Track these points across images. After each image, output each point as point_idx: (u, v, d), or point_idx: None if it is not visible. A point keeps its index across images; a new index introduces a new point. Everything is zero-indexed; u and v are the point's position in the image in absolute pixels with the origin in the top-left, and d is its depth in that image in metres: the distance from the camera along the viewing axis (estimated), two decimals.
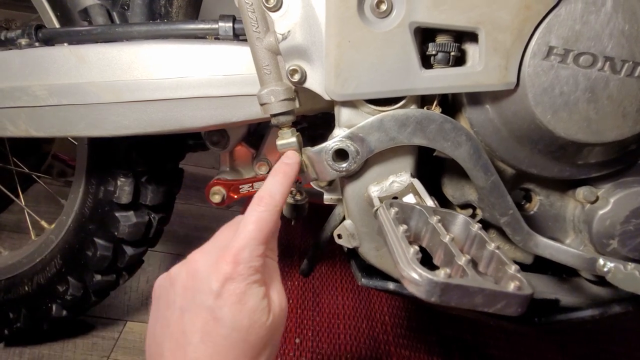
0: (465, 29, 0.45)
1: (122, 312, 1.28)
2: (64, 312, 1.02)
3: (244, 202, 1.04)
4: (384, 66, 0.48)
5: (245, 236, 0.41)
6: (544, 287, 0.61)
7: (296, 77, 0.52)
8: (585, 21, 0.41)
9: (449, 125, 0.49)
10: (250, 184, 0.90)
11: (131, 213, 0.91)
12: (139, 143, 0.87)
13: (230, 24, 0.64)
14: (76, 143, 0.93)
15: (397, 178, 0.55)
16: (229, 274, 0.39)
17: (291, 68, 0.51)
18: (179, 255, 1.44)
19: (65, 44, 0.65)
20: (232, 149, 0.89)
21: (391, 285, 0.65)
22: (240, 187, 0.91)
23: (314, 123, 0.84)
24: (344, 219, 0.64)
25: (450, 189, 0.60)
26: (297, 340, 1.13)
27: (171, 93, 0.62)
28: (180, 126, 0.65)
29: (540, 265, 0.63)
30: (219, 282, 0.39)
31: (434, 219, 0.42)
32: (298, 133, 0.57)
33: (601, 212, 0.53)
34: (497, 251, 0.40)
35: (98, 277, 0.97)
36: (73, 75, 0.60)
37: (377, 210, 0.52)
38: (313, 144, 0.55)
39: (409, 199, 0.52)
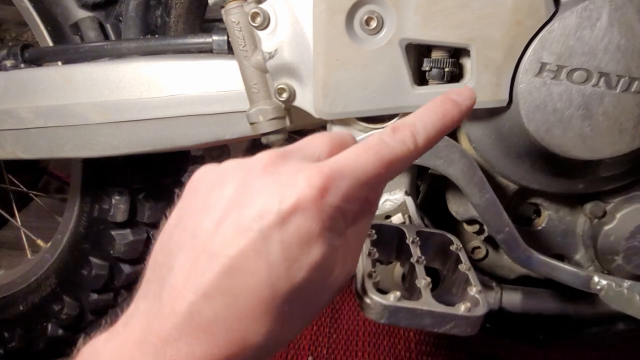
0: (456, 45, 0.44)
1: None
2: (60, 331, 1.01)
3: None
4: (374, 84, 0.47)
5: (355, 161, 0.27)
6: (554, 303, 0.59)
7: (284, 96, 0.51)
8: (579, 36, 0.40)
9: (442, 143, 0.48)
10: None
11: (127, 231, 0.90)
12: (135, 159, 0.86)
13: (224, 38, 0.63)
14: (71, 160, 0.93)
15: (390, 196, 0.53)
16: (311, 197, 0.25)
17: (279, 86, 0.50)
18: None
19: (52, 64, 0.64)
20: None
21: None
22: None
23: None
24: None
25: (454, 205, 0.59)
26: (310, 359, 1.08)
27: (161, 112, 0.61)
28: (172, 145, 0.64)
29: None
30: (291, 202, 0.25)
31: (410, 239, 0.41)
32: None
33: (606, 227, 0.52)
34: (466, 272, 0.40)
35: (94, 296, 0.96)
36: (59, 97, 0.59)
37: None
38: None
39: (398, 218, 0.50)
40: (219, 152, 0.89)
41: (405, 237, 0.42)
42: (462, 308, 0.34)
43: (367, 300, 0.34)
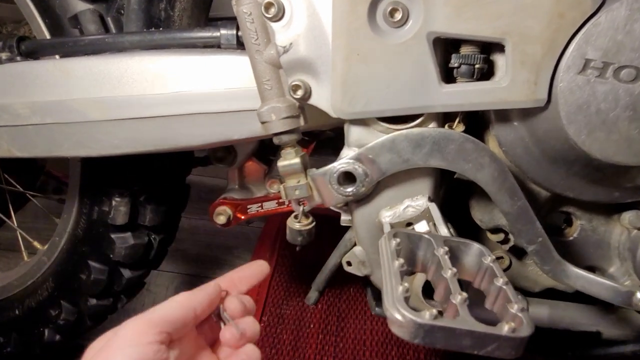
0: (490, 39, 0.40)
1: None
2: (57, 337, 0.97)
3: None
4: (398, 81, 0.43)
5: None
6: (584, 319, 0.55)
7: (299, 93, 0.47)
8: (629, 30, 0.36)
9: (471, 146, 0.44)
10: (260, 204, 0.85)
11: (128, 234, 0.86)
12: (136, 159, 0.82)
13: (234, 32, 0.59)
14: (69, 159, 0.89)
15: (412, 202, 0.50)
16: None
17: (294, 83, 0.47)
18: (189, 275, 1.35)
19: (50, 58, 0.60)
20: (241, 165, 0.84)
21: None
22: (248, 207, 0.86)
23: (340, 132, 0.78)
24: (354, 245, 0.59)
25: (479, 213, 0.55)
26: None
27: (165, 109, 0.58)
28: (176, 145, 0.60)
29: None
30: None
31: (441, 251, 0.37)
32: (303, 153, 0.52)
33: None
34: (504, 287, 0.37)
35: (93, 301, 0.92)
36: (57, 92, 0.56)
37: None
38: (334, 154, 0.51)
39: (422, 226, 0.47)
40: (224, 153, 0.85)
41: (433, 247, 0.38)
42: (505, 328, 0.31)
43: (398, 318, 0.31)
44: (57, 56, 0.64)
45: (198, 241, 1.45)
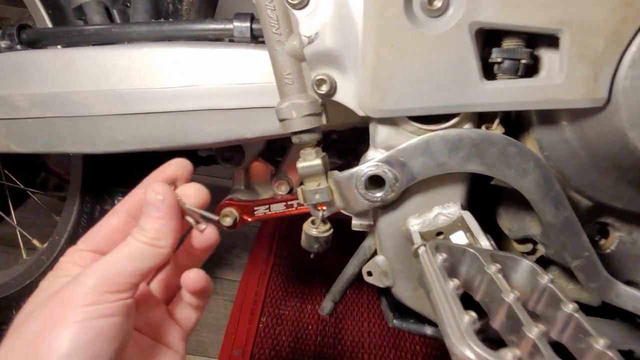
0: (543, 30, 0.36)
1: None
2: None
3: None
4: (435, 76, 0.39)
5: None
6: (615, 336, 0.51)
7: (324, 89, 0.43)
8: None
9: (513, 149, 0.40)
10: (267, 206, 0.81)
11: None
12: (140, 156, 0.78)
13: (248, 24, 0.56)
14: (70, 155, 0.85)
15: (443, 210, 0.45)
16: None
17: (318, 77, 0.42)
18: None
19: (52, 48, 0.56)
20: (248, 165, 0.80)
21: (429, 330, 0.56)
22: (255, 209, 0.82)
23: (343, 135, 0.74)
24: (374, 253, 0.55)
25: (508, 221, 0.51)
26: None
27: (175, 105, 0.54)
28: (185, 142, 0.56)
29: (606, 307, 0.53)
30: None
31: (493, 269, 0.33)
32: (324, 154, 0.48)
33: None
34: (576, 315, 0.32)
35: None
36: (59, 83, 0.52)
37: (417, 249, 0.43)
38: (339, 158, 0.47)
39: (459, 236, 0.42)
40: (232, 152, 0.81)
41: (479, 263, 0.34)
42: None
43: (471, 357, 0.26)
44: (59, 46, 0.60)
45: None
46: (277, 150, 0.91)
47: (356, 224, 0.58)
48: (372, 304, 1.21)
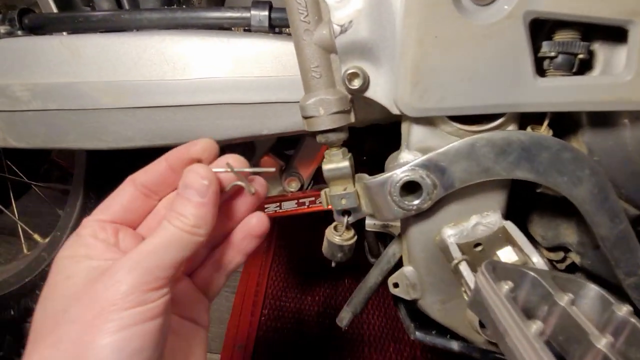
0: (609, 22, 0.32)
1: None
2: None
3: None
4: (483, 72, 0.35)
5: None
6: None
7: (356, 84, 0.39)
8: None
9: (568, 155, 0.36)
10: (278, 203, 0.77)
11: None
12: (147, 151, 0.74)
13: (266, 13, 0.52)
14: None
15: (482, 219, 0.42)
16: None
17: (351, 71, 0.38)
18: None
19: (57, 34, 0.52)
20: (258, 160, 0.77)
21: (456, 346, 0.52)
22: (265, 206, 0.78)
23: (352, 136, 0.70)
24: (399, 262, 0.51)
25: (541, 228, 0.47)
26: None
27: (187, 98, 0.50)
28: (197, 138, 0.52)
29: None
30: None
31: (565, 300, 0.29)
32: (350, 154, 0.44)
33: None
34: None
35: None
36: (64, 73, 0.48)
37: (457, 264, 0.39)
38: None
39: (507, 253, 0.38)
40: (243, 148, 0.77)
41: (543, 290, 0.30)
42: None
43: None
44: (64, 33, 0.56)
45: None
46: (287, 144, 0.87)
47: (370, 223, 0.54)
48: (372, 296, 1.20)
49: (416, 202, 0.39)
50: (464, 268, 0.38)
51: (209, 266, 0.40)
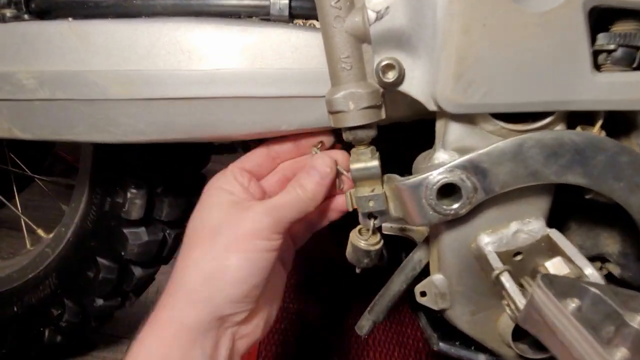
0: None
1: (126, 328, 1.13)
2: (59, 338, 0.87)
3: None
4: (535, 65, 0.32)
5: None
6: None
7: (390, 76, 0.35)
8: None
9: (626, 159, 0.33)
10: None
11: (142, 230, 0.76)
12: (156, 146, 0.71)
13: (286, 1, 0.48)
14: None
15: (523, 226, 0.38)
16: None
17: (385, 62, 0.35)
18: None
19: (65, 19, 0.49)
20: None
21: (483, 359, 0.49)
22: None
23: None
24: (425, 268, 0.48)
25: (579, 237, 0.44)
26: None
27: (203, 90, 0.46)
28: (212, 134, 0.49)
29: None
30: None
31: (638, 320, 0.26)
32: (378, 153, 0.41)
33: None
34: None
35: (100, 301, 0.82)
36: (72, 61, 0.45)
37: (499, 275, 0.36)
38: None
39: (559, 265, 0.35)
40: (258, 142, 0.74)
41: (609, 307, 0.26)
42: None
43: None
44: (70, 18, 0.53)
45: None
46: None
47: (387, 227, 0.51)
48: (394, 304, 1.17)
49: (455, 206, 0.36)
50: (506, 279, 0.35)
51: (302, 224, 0.51)
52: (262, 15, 0.53)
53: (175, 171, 0.79)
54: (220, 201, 0.43)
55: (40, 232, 0.94)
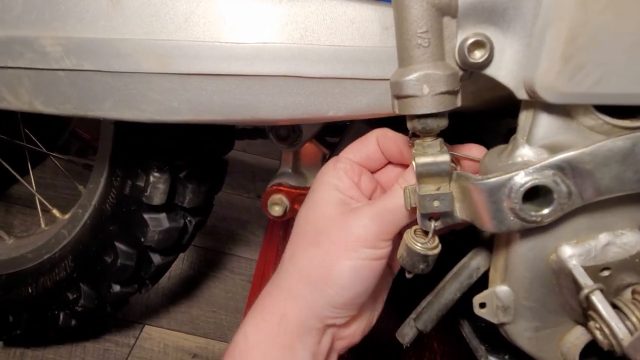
0: None
1: (139, 313, 1.11)
2: (73, 322, 0.84)
3: None
4: None
5: None
6: None
7: (478, 56, 0.30)
8: None
9: None
10: None
11: (163, 216, 0.72)
12: (182, 128, 0.67)
13: None
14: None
15: (616, 239, 0.33)
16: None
17: (474, 39, 0.30)
18: (204, 248, 1.27)
19: None
20: (302, 146, 0.69)
21: None
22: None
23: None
24: (482, 277, 0.43)
25: None
26: None
27: (246, 66, 0.41)
28: (252, 116, 0.44)
29: None
30: None
31: None
32: (446, 147, 0.36)
33: None
34: None
35: (117, 287, 0.79)
36: (102, 28, 0.40)
37: (590, 294, 0.31)
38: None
39: None
40: (288, 131, 0.69)
41: None
42: None
43: None
44: None
45: (212, 213, 1.39)
46: (330, 130, 0.79)
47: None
48: (389, 299, 1.14)
49: (545, 212, 0.30)
50: (598, 299, 0.30)
51: None
52: None
53: (199, 156, 0.74)
54: (328, 198, 0.41)
55: (55, 212, 0.91)
